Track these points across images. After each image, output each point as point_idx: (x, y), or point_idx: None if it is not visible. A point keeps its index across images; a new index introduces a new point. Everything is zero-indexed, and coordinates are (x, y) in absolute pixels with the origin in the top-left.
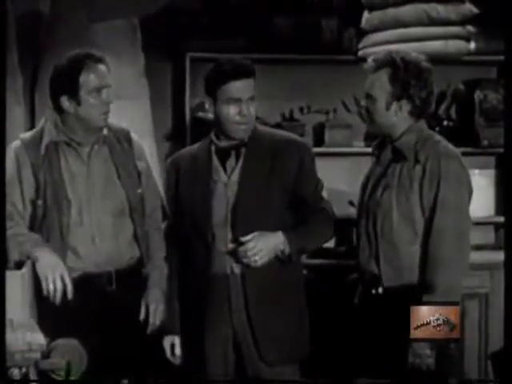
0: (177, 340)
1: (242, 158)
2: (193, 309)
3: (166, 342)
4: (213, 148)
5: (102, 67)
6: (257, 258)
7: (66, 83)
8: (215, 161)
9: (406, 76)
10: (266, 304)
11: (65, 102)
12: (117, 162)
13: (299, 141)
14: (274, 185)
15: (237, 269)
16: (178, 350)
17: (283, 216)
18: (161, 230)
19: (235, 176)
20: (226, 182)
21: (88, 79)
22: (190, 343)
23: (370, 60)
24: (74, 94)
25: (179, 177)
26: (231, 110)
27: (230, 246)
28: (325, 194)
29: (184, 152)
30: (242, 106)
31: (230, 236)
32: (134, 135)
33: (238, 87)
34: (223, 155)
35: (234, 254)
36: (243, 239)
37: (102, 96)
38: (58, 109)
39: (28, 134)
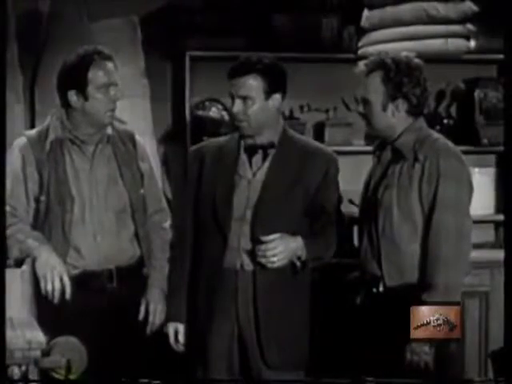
0: (181, 327)
1: (270, 158)
2: (200, 301)
3: (170, 328)
4: (242, 143)
5: (110, 65)
6: (275, 259)
7: (75, 78)
8: (243, 156)
9: (398, 76)
10: (273, 304)
11: (72, 96)
12: (120, 162)
13: (327, 151)
14: (297, 190)
15: (247, 266)
16: (181, 337)
17: (301, 222)
18: (163, 231)
19: (260, 175)
20: (250, 179)
21: (96, 75)
22: (195, 337)
23: (361, 64)
24: (81, 90)
25: (203, 166)
26: (230, 106)
27: (248, 243)
28: (342, 208)
29: (209, 142)
30: (234, 102)
31: (245, 233)
32: (137, 137)
33: (234, 84)
34: (251, 152)
35: (250, 251)
36: (265, 238)
37: (110, 93)
38: (65, 104)
39: (33, 131)
